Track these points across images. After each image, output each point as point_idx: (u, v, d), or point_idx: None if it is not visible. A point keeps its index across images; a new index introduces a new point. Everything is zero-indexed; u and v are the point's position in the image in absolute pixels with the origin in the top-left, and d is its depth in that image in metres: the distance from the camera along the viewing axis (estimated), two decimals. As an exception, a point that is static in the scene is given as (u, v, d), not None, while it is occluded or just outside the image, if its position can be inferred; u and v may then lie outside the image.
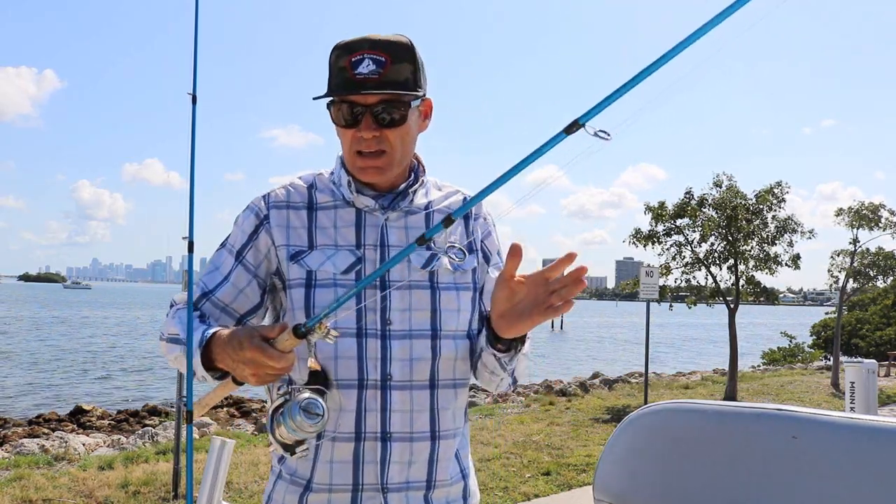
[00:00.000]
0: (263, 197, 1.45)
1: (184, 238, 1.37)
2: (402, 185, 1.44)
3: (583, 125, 1.01)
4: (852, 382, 7.67)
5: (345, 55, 1.34)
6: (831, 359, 15.78)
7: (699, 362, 26.36)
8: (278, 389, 1.25)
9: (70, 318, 47.65)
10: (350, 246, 1.39)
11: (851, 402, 7.61)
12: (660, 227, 12.28)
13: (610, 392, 12.95)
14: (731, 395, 11.89)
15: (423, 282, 1.39)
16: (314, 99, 1.38)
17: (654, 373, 17.16)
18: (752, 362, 22.43)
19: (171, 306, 1.47)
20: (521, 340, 1.36)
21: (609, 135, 1.02)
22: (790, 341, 22.57)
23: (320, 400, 1.18)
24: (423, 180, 1.47)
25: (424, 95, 1.40)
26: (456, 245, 1.46)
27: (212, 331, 1.32)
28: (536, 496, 5.91)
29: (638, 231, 12.44)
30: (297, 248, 1.39)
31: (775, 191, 12.18)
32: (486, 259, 1.50)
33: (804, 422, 1.01)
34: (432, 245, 1.42)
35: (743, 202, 11.98)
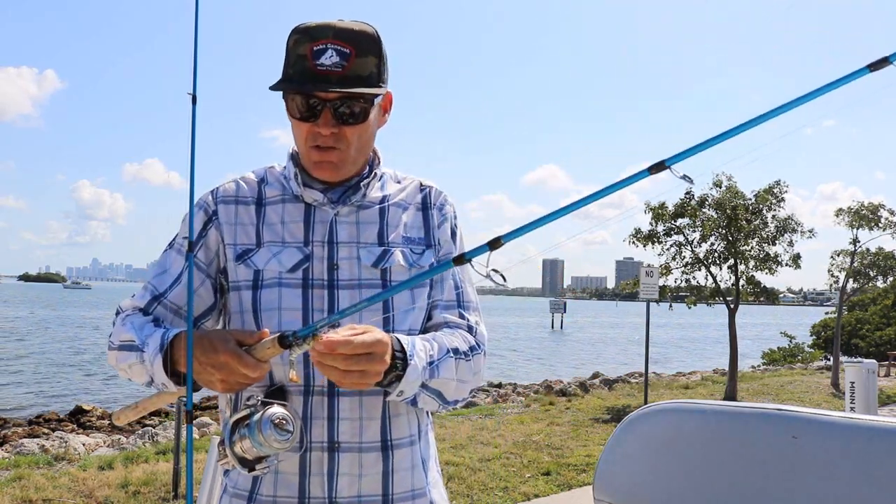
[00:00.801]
0: (212, 192, 1.39)
1: (184, 238, 1.35)
2: (355, 179, 1.36)
3: (668, 167, 1.06)
4: (852, 382, 7.68)
5: (305, 41, 1.25)
6: (831, 359, 15.78)
7: (699, 362, 26.36)
8: (246, 400, 1.15)
9: (70, 318, 47.65)
10: (298, 243, 1.31)
11: (851, 402, 7.61)
12: (660, 227, 12.29)
13: (610, 392, 12.95)
14: (731, 395, 11.90)
15: (375, 280, 1.30)
16: (270, 89, 1.29)
17: (654, 373, 17.16)
18: (752, 362, 22.43)
19: (118, 313, 1.35)
20: (398, 373, 1.21)
21: (692, 180, 1.04)
22: (790, 341, 22.57)
23: (290, 416, 1.10)
24: (377, 173, 1.38)
25: (385, 90, 1.32)
26: (414, 238, 1.37)
27: (174, 332, 1.24)
28: (536, 496, 5.90)
29: (638, 231, 12.45)
30: (243, 248, 1.32)
31: (774, 190, 12.18)
32: (437, 251, 1.40)
33: (804, 422, 1.01)
34: (385, 241, 1.34)
35: (743, 202, 11.98)
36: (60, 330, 36.45)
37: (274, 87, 1.29)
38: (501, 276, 1.06)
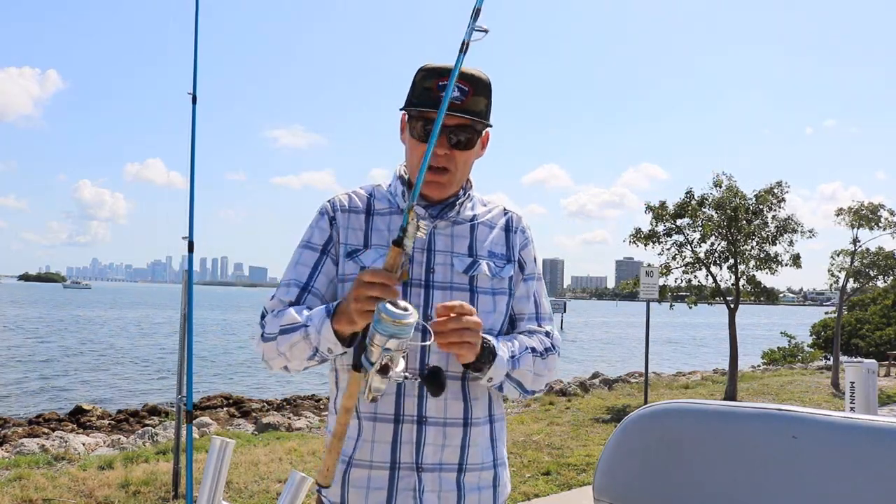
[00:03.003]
0: (329, 201, 1.63)
1: (184, 238, 1.36)
2: (452, 199, 1.61)
3: None
4: (852, 382, 7.67)
5: (432, 78, 1.51)
6: (831, 359, 15.78)
7: (699, 362, 26.36)
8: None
9: (69, 318, 47.65)
10: None
11: (851, 402, 7.60)
12: (660, 227, 12.28)
13: (610, 392, 12.95)
14: (731, 395, 11.89)
15: (464, 285, 1.56)
16: (401, 110, 1.57)
17: (654, 373, 17.16)
18: (752, 362, 22.43)
19: (265, 315, 1.56)
20: (489, 359, 1.48)
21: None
22: (790, 341, 22.56)
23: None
24: (470, 194, 1.65)
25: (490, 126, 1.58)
26: (497, 253, 1.62)
27: (335, 304, 1.44)
28: (536, 496, 5.91)
29: (638, 231, 12.44)
30: (353, 247, 1.56)
31: (775, 190, 12.18)
32: (521, 268, 1.66)
33: (804, 422, 1.01)
34: (474, 253, 1.59)
35: (743, 202, 11.98)
36: (60, 329, 36.44)
37: (405, 108, 1.56)
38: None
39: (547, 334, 1.64)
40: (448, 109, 1.41)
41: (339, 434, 1.29)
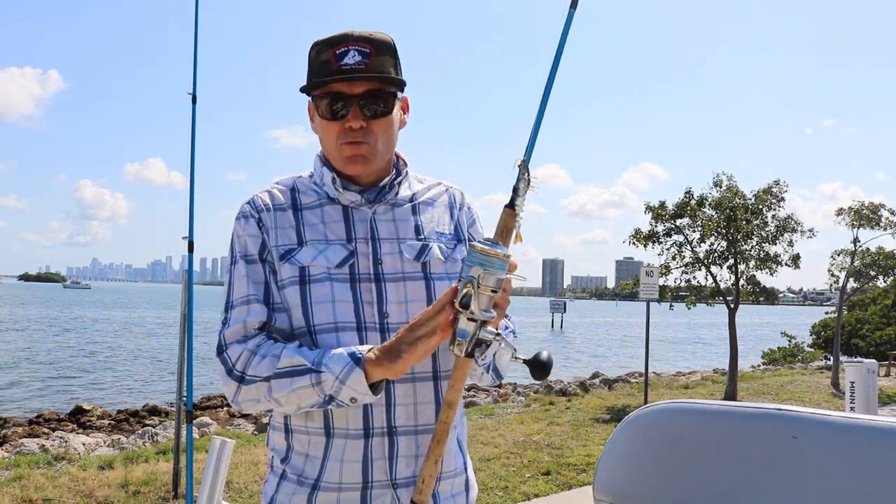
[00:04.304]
0: (249, 203, 1.44)
1: (184, 238, 1.36)
2: (386, 179, 1.45)
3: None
4: (852, 382, 7.67)
5: (327, 49, 1.35)
6: (831, 359, 15.78)
7: (699, 362, 26.36)
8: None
9: (70, 318, 47.64)
10: (341, 240, 1.39)
11: (851, 402, 7.60)
12: (660, 227, 12.28)
13: (610, 392, 12.94)
14: (731, 395, 11.89)
15: (417, 273, 1.40)
16: (301, 90, 1.40)
17: (654, 373, 17.15)
18: (752, 362, 22.42)
19: (224, 349, 1.33)
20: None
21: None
22: (790, 341, 22.56)
23: None
24: (405, 172, 1.49)
25: (405, 84, 1.42)
26: (445, 233, 1.47)
27: (364, 348, 1.28)
28: (536, 496, 5.90)
29: (638, 231, 12.44)
30: (286, 247, 1.38)
31: (774, 190, 12.18)
32: None
33: (804, 422, 1.01)
34: (422, 236, 1.44)
35: (742, 202, 11.98)
36: (59, 329, 36.44)
37: (305, 89, 1.39)
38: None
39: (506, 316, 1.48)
40: (352, 76, 1.33)
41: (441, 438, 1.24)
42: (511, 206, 1.21)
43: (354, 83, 1.34)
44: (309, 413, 1.35)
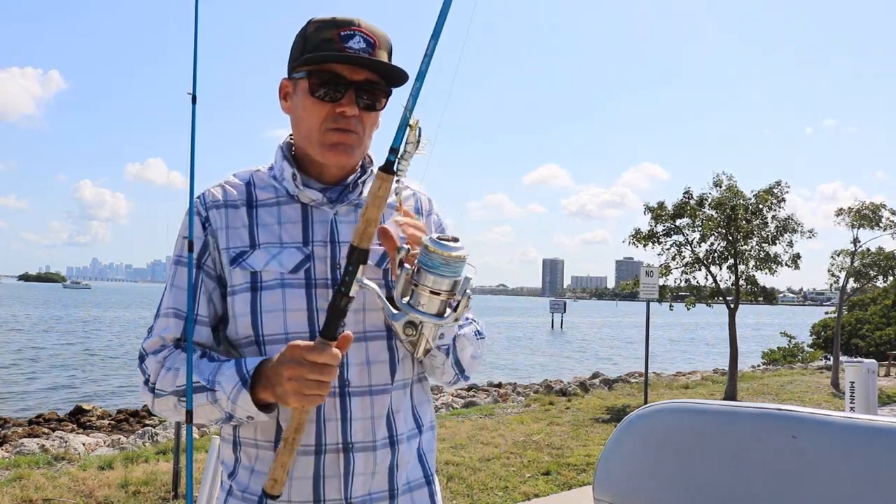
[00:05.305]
0: (199, 197, 1.35)
1: (184, 238, 1.35)
2: (351, 178, 1.35)
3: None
4: (852, 382, 7.67)
5: (332, 28, 1.25)
6: (831, 359, 15.78)
7: (699, 362, 26.36)
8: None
9: (69, 318, 47.64)
10: (297, 243, 1.29)
11: (851, 402, 7.60)
12: (659, 227, 12.29)
13: (610, 392, 12.95)
14: (731, 395, 11.89)
15: (377, 280, 1.29)
16: (294, 64, 1.28)
17: (654, 373, 17.15)
18: (752, 362, 22.43)
19: (144, 357, 1.30)
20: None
21: None
22: (790, 341, 22.57)
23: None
24: (371, 170, 1.38)
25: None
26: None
27: (252, 362, 1.20)
28: (536, 496, 5.90)
29: (638, 231, 12.45)
30: (238, 250, 1.29)
31: (774, 190, 12.18)
32: None
33: (804, 422, 1.01)
34: None
35: (742, 202, 11.98)
36: (59, 329, 36.44)
37: (298, 62, 1.26)
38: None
39: (473, 320, 1.41)
40: (357, 63, 1.24)
41: (299, 428, 1.12)
42: (389, 170, 1.10)
43: (357, 69, 1.25)
44: (259, 425, 1.27)
